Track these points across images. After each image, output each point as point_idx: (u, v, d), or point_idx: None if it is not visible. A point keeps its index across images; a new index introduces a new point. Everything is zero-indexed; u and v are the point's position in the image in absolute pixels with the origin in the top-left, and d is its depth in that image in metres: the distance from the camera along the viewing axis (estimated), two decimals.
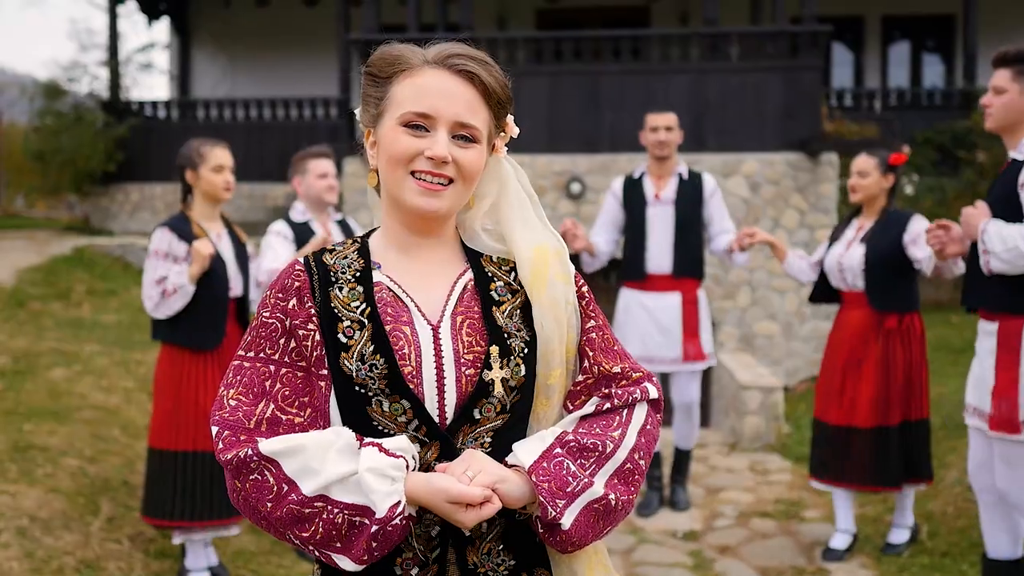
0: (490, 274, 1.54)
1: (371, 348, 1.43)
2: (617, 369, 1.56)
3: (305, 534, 1.39)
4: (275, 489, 1.39)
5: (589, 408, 1.54)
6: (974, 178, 10.33)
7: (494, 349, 1.46)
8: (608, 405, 1.53)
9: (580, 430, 1.50)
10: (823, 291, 4.58)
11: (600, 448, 1.49)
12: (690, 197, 5.06)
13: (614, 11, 13.72)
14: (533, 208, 1.60)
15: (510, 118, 1.58)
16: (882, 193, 4.34)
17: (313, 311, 1.48)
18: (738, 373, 7.31)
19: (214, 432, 1.45)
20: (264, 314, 1.50)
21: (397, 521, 1.37)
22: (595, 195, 9.11)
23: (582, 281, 1.61)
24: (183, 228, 3.87)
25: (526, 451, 1.47)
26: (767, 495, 5.63)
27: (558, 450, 1.47)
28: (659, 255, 5.06)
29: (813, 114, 9.18)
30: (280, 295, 1.51)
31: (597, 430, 1.51)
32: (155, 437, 3.94)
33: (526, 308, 1.51)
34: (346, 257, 1.55)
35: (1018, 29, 13.15)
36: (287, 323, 1.48)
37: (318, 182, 4.41)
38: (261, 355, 1.48)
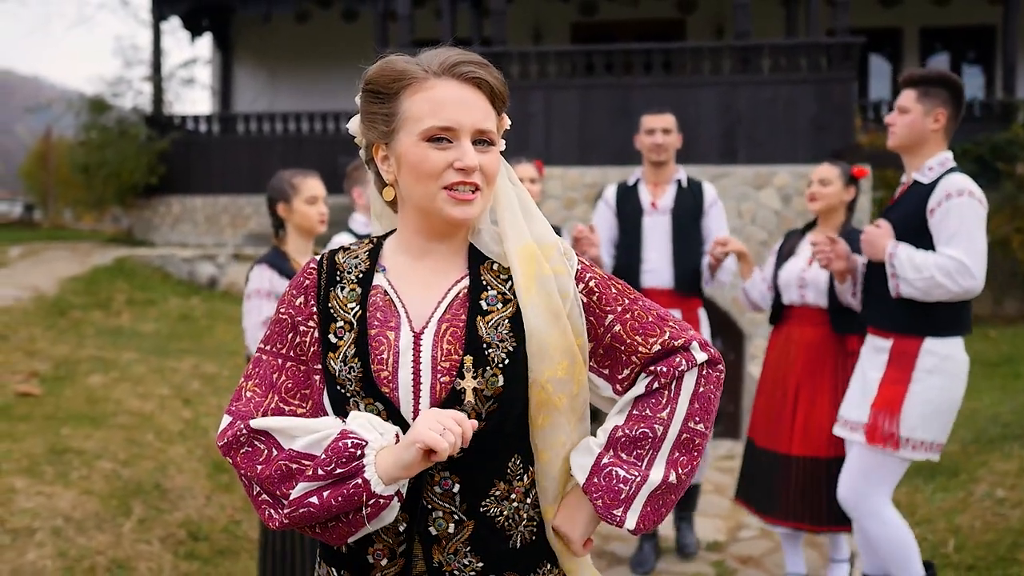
0: (485, 283, 1.56)
1: (353, 351, 1.50)
2: (657, 347, 1.58)
3: (291, 492, 1.42)
4: (265, 452, 1.48)
5: (640, 388, 1.57)
6: (1013, 191, 10.20)
7: (468, 359, 1.48)
8: (656, 384, 1.56)
9: (630, 420, 1.56)
10: (781, 309, 4.17)
11: (651, 434, 1.53)
12: (689, 207, 4.58)
13: (650, 24, 13.76)
14: (526, 196, 1.63)
15: (503, 114, 1.63)
16: (841, 206, 4.04)
17: (314, 309, 1.57)
18: None
19: (226, 421, 1.53)
20: (280, 310, 1.60)
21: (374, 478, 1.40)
22: (598, 204, 9.15)
23: (590, 275, 1.61)
24: (283, 265, 3.61)
25: (580, 468, 1.55)
26: None
27: (606, 458, 1.54)
28: (656, 269, 4.58)
29: (845, 126, 9.14)
30: (293, 292, 1.60)
31: (647, 413, 1.55)
32: None
33: (515, 318, 1.52)
34: (356, 257, 1.61)
35: None
36: (294, 319, 1.57)
37: None
38: (273, 349, 1.58)
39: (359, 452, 1.40)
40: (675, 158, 4.70)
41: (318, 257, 1.63)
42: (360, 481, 1.40)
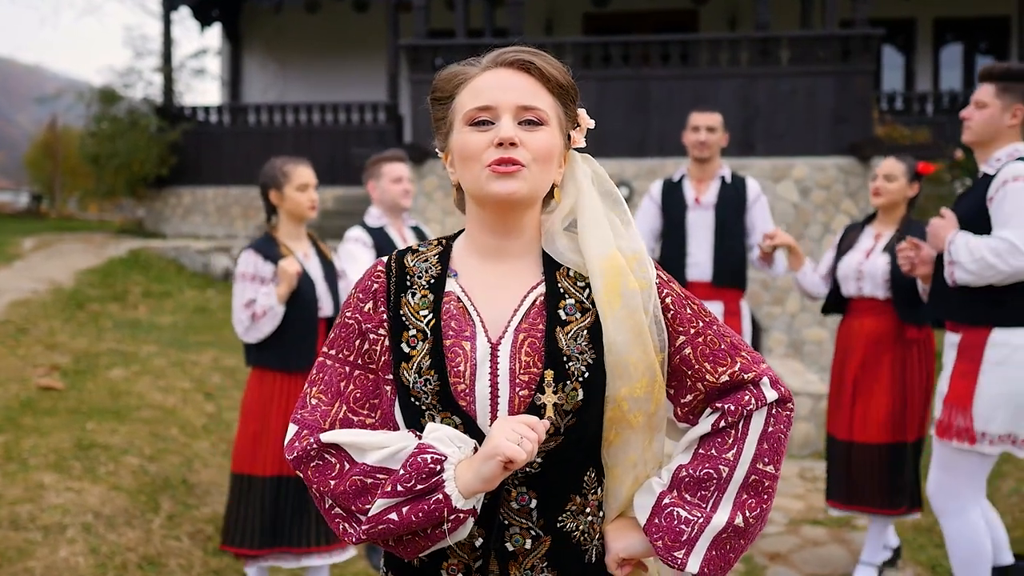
0: (562, 290, 1.50)
1: (428, 362, 1.45)
2: (725, 377, 1.52)
3: (368, 507, 1.40)
4: (338, 467, 1.44)
5: (706, 426, 1.52)
6: None
7: (549, 373, 1.43)
8: (723, 423, 1.51)
9: (695, 460, 1.51)
10: (837, 300, 4.31)
11: (716, 475, 1.49)
12: (732, 202, 4.72)
13: (662, 15, 13.69)
14: (612, 208, 1.56)
15: (582, 110, 1.57)
16: (904, 201, 4.13)
17: (385, 316, 1.51)
18: (786, 379, 7.27)
19: (292, 431, 1.49)
20: (347, 314, 1.55)
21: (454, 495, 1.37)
22: (642, 199, 9.12)
23: (666, 291, 1.55)
24: (269, 249, 3.76)
25: (641, 507, 1.51)
26: (817, 503, 5.59)
27: (668, 498, 1.50)
28: (700, 262, 4.71)
29: (864, 118, 9.09)
30: (360, 296, 1.55)
31: (713, 453, 1.51)
32: (239, 462, 3.79)
33: (595, 328, 1.47)
34: (426, 260, 1.56)
35: None
36: (362, 326, 1.52)
37: (393, 187, 4.30)
38: (340, 355, 1.53)
39: (439, 467, 1.37)
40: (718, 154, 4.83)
41: (385, 259, 1.57)
42: (441, 496, 1.37)
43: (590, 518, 1.51)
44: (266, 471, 3.72)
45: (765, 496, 1.49)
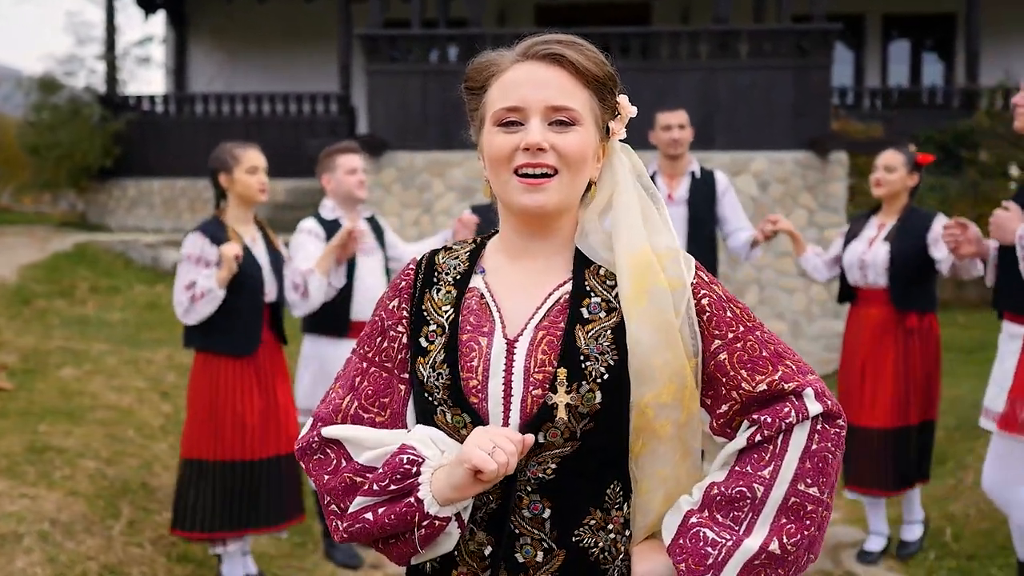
0: (589, 288, 1.43)
1: (442, 357, 1.42)
2: (763, 387, 1.40)
3: (350, 506, 1.39)
4: (334, 462, 1.44)
5: (742, 440, 1.41)
6: (977, 177, 10.34)
7: (562, 372, 1.36)
8: (759, 436, 1.39)
9: (730, 477, 1.40)
10: (847, 289, 4.50)
11: (750, 494, 1.37)
12: (704, 196, 4.88)
13: (614, 8, 13.68)
14: (648, 203, 1.50)
15: (623, 98, 1.50)
16: (905, 191, 4.31)
17: (405, 313, 1.49)
18: None
19: (308, 424, 1.51)
20: (376, 312, 1.54)
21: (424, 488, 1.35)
22: None
23: (704, 292, 1.44)
24: (216, 232, 3.75)
25: (667, 527, 1.41)
26: None
27: (695, 518, 1.39)
28: None
29: (822, 113, 9.15)
30: (390, 294, 1.53)
31: (748, 470, 1.39)
32: (189, 447, 3.80)
33: (620, 329, 1.39)
34: (456, 257, 1.53)
35: (1020, 29, 13.19)
36: (385, 323, 1.50)
37: (348, 178, 4.32)
38: (361, 351, 1.52)
39: (415, 469, 1.35)
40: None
41: (419, 257, 1.54)
42: (413, 500, 1.34)
43: (612, 535, 1.43)
44: (215, 455, 3.74)
45: (808, 522, 1.36)
